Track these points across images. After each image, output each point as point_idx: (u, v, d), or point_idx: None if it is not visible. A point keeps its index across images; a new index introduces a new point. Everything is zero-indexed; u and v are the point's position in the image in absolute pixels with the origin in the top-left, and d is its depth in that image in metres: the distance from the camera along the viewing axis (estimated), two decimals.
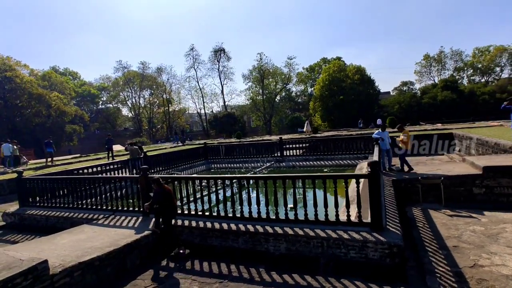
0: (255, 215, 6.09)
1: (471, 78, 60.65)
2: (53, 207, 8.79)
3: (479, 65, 58.90)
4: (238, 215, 6.27)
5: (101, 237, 5.93)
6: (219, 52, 56.59)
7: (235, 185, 6.49)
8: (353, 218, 5.58)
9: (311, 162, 15.81)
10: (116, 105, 68.50)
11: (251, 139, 28.32)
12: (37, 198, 9.29)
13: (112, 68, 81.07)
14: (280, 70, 59.00)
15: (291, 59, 57.88)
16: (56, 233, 6.37)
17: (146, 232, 6.04)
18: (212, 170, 17.31)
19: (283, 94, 61.71)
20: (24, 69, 44.96)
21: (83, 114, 47.21)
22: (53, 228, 8.13)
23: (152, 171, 14.40)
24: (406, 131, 11.31)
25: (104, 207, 8.04)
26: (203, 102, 61.04)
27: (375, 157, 7.21)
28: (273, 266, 5.28)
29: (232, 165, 17.50)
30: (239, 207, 6.36)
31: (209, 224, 6.24)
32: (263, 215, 6.02)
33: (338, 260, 5.02)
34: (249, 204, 6.51)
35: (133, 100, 63.40)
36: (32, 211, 8.83)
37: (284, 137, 25.26)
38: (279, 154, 16.86)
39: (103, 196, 8.33)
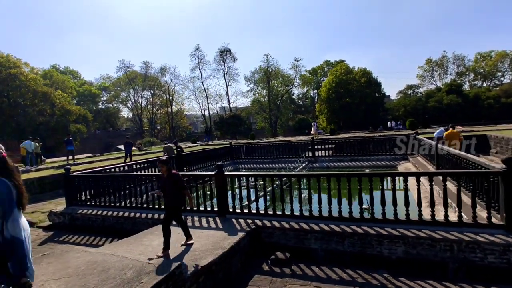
0: (356, 215, 5.68)
1: (473, 83, 61.33)
2: (108, 206, 8.19)
3: (481, 70, 59.59)
4: (336, 215, 5.82)
5: (193, 239, 5.40)
6: (225, 53, 56.13)
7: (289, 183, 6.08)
8: (455, 218, 5.23)
9: (346, 163, 15.42)
10: (116, 105, 67.53)
11: (267, 140, 27.89)
12: (87, 197, 8.69)
13: (115, 68, 79.79)
14: (283, 72, 58.76)
15: (297, 60, 57.69)
16: (138, 234, 5.82)
17: (241, 234, 5.53)
18: (243, 171, 16.77)
19: (285, 96, 61.46)
20: (25, 67, 43.66)
21: (86, 113, 46.13)
22: (112, 228, 7.59)
23: (185, 169, 13.89)
24: (455, 132, 11.33)
25: None
26: (208, 103, 60.51)
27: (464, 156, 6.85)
28: (393, 271, 4.84)
29: (260, 165, 17.01)
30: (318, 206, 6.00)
31: (305, 225, 5.77)
32: (366, 215, 5.61)
33: (471, 266, 4.60)
34: (319, 203, 6.07)
35: (135, 100, 62.59)
36: (84, 210, 8.21)
37: (303, 138, 24.96)
38: (310, 155, 16.44)
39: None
